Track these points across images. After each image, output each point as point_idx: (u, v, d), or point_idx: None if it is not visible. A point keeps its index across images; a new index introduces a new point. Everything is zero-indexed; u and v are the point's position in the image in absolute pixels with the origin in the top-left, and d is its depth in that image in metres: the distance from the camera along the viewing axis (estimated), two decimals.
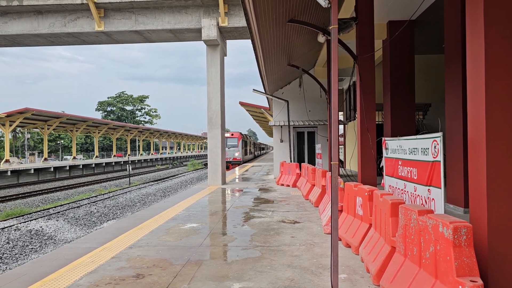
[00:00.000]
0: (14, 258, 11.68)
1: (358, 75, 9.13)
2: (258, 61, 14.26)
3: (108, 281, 4.99)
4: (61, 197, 25.97)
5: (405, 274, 3.91)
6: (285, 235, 7.40)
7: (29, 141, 74.40)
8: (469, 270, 3.15)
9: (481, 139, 4.00)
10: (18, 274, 5.38)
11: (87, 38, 18.60)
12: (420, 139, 5.51)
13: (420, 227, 3.77)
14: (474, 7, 4.12)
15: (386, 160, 7.36)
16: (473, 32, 4.15)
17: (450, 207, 9.20)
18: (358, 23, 9.07)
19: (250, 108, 30.33)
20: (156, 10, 17.16)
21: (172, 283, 4.85)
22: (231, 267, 5.49)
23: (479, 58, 4.06)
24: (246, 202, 11.92)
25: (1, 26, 17.78)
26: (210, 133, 17.45)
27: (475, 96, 4.13)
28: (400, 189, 6.40)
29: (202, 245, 6.76)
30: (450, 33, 9.22)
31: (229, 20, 16.99)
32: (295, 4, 9.09)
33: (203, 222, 8.87)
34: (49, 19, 17.59)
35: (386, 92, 12.75)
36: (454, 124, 9.10)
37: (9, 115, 35.75)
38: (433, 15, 11.52)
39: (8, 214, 18.10)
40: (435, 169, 4.95)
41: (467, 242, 3.20)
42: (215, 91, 17.26)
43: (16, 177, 35.34)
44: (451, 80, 9.27)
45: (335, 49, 4.35)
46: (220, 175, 17.36)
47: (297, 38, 12.28)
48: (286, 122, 20.36)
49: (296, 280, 4.86)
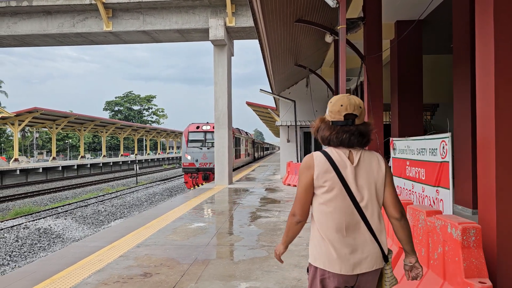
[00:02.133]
0: (23, 256, 11.79)
1: (366, 75, 9.09)
2: (265, 61, 14.26)
3: (116, 279, 5.03)
4: (69, 196, 26.16)
5: None
6: None
7: (38, 140, 75.02)
8: (477, 271, 3.13)
9: (490, 139, 3.97)
10: (27, 272, 5.43)
11: (96, 38, 18.72)
12: (429, 139, 5.49)
13: (428, 227, 3.76)
14: (484, 8, 4.09)
15: (393, 160, 7.33)
16: (482, 32, 4.13)
17: (458, 208, 9.13)
18: (365, 23, 9.03)
19: (256, 108, 30.33)
20: (164, 10, 17.23)
21: (180, 282, 4.87)
22: (238, 266, 5.50)
23: (488, 58, 4.03)
24: (252, 202, 11.93)
25: (11, 27, 17.96)
26: (217, 133, 17.49)
27: (484, 97, 4.10)
28: (408, 189, 6.37)
29: (209, 245, 6.78)
30: (459, 33, 9.16)
31: (237, 20, 17.01)
32: (302, 4, 9.07)
33: (210, 222, 8.89)
34: (58, 19, 17.72)
35: (394, 92, 12.68)
36: (463, 125, 9.03)
37: (18, 114, 36.08)
38: (442, 14, 11.44)
39: (17, 212, 18.29)
40: (444, 170, 4.92)
41: (475, 243, 3.18)
42: (222, 91, 17.28)
43: (25, 176, 35.66)
44: (459, 80, 9.20)
45: (343, 49, 4.34)
46: (227, 175, 17.38)
47: (304, 38, 12.27)
48: (293, 122, 20.34)
49: (303, 280, 4.86)
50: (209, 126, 25.16)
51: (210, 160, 24.10)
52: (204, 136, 25.09)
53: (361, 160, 2.22)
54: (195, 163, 24.74)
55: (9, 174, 33.79)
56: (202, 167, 24.82)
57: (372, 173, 2.21)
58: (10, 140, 69.86)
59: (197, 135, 25.22)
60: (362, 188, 2.16)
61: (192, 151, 24.71)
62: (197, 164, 24.76)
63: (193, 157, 24.73)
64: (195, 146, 24.85)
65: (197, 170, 24.83)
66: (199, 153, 24.80)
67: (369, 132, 2.25)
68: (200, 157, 24.72)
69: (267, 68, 15.48)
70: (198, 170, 24.82)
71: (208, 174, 24.58)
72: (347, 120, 2.19)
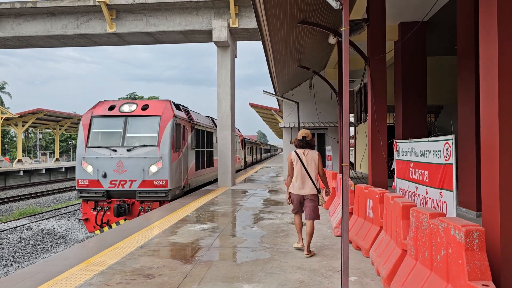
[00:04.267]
0: (26, 257, 11.83)
1: (369, 76, 9.08)
2: (269, 62, 14.26)
3: (119, 280, 5.03)
4: (72, 197, 26.22)
5: (416, 278, 3.88)
6: (295, 237, 7.38)
7: (41, 141, 75.30)
8: (481, 274, 3.11)
9: (494, 141, 3.95)
10: (30, 273, 5.44)
11: (99, 39, 18.80)
12: (432, 141, 5.47)
13: (431, 230, 3.74)
14: (488, 9, 4.08)
15: (397, 162, 7.31)
16: (486, 34, 4.11)
17: (462, 210, 9.10)
18: (369, 25, 9.02)
19: (260, 110, 30.34)
20: (167, 12, 17.27)
21: (182, 284, 4.87)
22: (241, 268, 5.49)
23: (492, 60, 4.01)
24: (255, 204, 11.93)
25: (15, 28, 18.06)
26: (220, 134, 17.52)
27: (488, 99, 4.09)
28: (412, 191, 6.35)
29: (212, 246, 6.78)
30: (463, 35, 9.13)
31: (240, 21, 17.03)
32: (306, 6, 9.07)
33: (213, 223, 8.89)
34: (62, 20, 17.81)
35: (398, 94, 12.66)
36: (467, 127, 9.01)
37: (22, 115, 36.27)
38: (446, 16, 11.42)
39: (21, 213, 18.37)
40: (447, 172, 4.90)
41: (479, 246, 3.16)
42: (225, 92, 17.31)
43: (28, 177, 35.79)
44: (463, 82, 9.18)
45: (347, 51, 4.33)
46: (230, 177, 17.41)
47: (308, 39, 12.26)
48: (296, 124, 20.32)
49: (306, 282, 4.85)
50: (134, 105, 13.44)
51: (135, 175, 12.60)
52: (124, 125, 13.15)
53: (308, 154, 6.13)
54: (101, 181, 12.74)
55: (12, 175, 33.92)
56: (115, 189, 12.72)
57: (313, 158, 6.11)
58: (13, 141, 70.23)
59: (109, 123, 13.40)
60: (307, 164, 6.06)
61: (96, 157, 12.84)
62: (105, 183, 12.71)
63: (98, 168, 12.80)
64: (104, 145, 12.99)
65: (106, 195, 12.71)
66: (111, 161, 12.78)
67: (311, 142, 6.22)
68: (111, 169, 12.74)
69: (270, 69, 15.48)
70: (108, 196, 12.73)
71: (129, 205, 12.57)
72: (303, 138, 6.23)
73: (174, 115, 13.21)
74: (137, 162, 12.53)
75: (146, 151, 12.60)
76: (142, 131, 13.08)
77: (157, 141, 12.67)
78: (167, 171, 12.52)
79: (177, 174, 13.41)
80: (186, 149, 14.73)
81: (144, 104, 13.44)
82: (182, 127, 14.28)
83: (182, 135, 14.27)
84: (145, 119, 13.06)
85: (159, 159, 12.50)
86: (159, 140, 12.66)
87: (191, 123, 15.80)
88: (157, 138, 12.71)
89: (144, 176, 12.47)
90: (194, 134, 16.31)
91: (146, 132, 13.00)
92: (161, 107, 13.29)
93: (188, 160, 15.09)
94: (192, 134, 15.86)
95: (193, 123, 16.11)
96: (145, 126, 13.05)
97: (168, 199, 12.58)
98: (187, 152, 14.90)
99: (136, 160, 12.55)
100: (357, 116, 24.38)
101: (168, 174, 12.54)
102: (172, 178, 12.73)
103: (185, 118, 14.80)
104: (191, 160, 15.62)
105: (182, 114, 14.65)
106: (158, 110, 13.13)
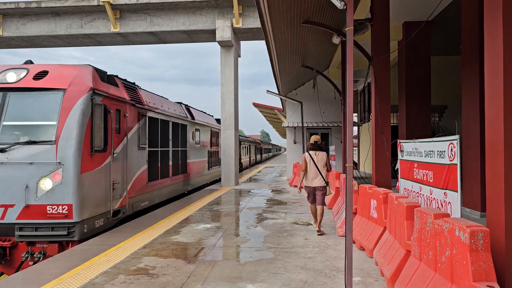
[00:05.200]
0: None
1: (373, 76, 9.06)
2: (272, 62, 14.26)
3: (123, 280, 5.05)
4: None
5: (420, 278, 3.87)
6: (298, 236, 7.38)
7: None
8: (486, 274, 3.10)
9: (499, 142, 3.93)
10: (34, 273, 5.47)
11: (103, 39, 18.85)
12: (437, 141, 5.45)
13: (436, 230, 3.73)
14: (493, 9, 4.06)
15: (401, 162, 7.29)
16: (491, 34, 4.09)
17: (466, 211, 9.07)
18: (373, 24, 9.00)
19: (263, 109, 30.33)
20: (171, 11, 17.29)
21: (186, 283, 4.88)
22: (245, 268, 5.50)
23: (497, 60, 3.99)
24: (259, 203, 11.93)
25: (20, 28, 18.13)
26: (223, 134, 17.51)
27: (492, 99, 4.07)
28: (416, 192, 6.33)
29: (215, 246, 6.78)
30: (467, 34, 9.09)
31: (244, 21, 17.03)
32: (309, 5, 9.07)
33: (216, 223, 8.90)
34: (66, 20, 17.86)
35: (402, 93, 12.63)
36: (471, 127, 8.97)
37: None
38: (450, 16, 11.38)
39: None
40: (452, 172, 4.88)
41: (484, 247, 3.15)
42: (228, 92, 17.31)
43: None
44: (468, 82, 9.13)
45: (351, 51, 4.32)
46: (233, 176, 17.40)
47: (312, 39, 12.25)
48: (299, 124, 20.30)
49: (309, 282, 4.84)
50: (24, 71, 7.96)
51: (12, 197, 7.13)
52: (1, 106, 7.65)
53: (318, 154, 7.98)
54: None
55: None
56: None
57: (322, 158, 7.95)
58: None
59: None
60: (318, 162, 7.87)
61: None
62: None
63: None
64: None
65: None
66: None
67: (321, 146, 8.14)
68: None
69: (274, 69, 15.47)
70: None
71: (4, 249, 7.21)
72: (315, 142, 8.12)
73: (91, 88, 7.87)
74: (17, 172, 7.19)
75: (33, 153, 7.27)
76: (29, 117, 7.61)
77: (54, 135, 7.39)
78: (71, 188, 7.24)
79: (97, 192, 8.04)
80: (124, 148, 9.45)
81: (41, 70, 8.00)
82: (115, 112, 9.00)
83: (116, 124, 9.06)
84: (37, 95, 7.69)
85: (57, 167, 7.25)
86: (58, 132, 7.38)
87: (139, 107, 10.43)
88: (55, 128, 7.43)
89: (29, 198, 7.16)
90: (146, 125, 11.00)
91: (37, 119, 7.62)
92: (70, 75, 7.89)
93: (131, 166, 9.87)
94: (140, 124, 10.56)
95: (144, 107, 10.73)
96: (36, 107, 7.65)
97: (74, 238, 7.24)
98: (126, 154, 9.52)
99: (14, 169, 7.20)
100: (361, 115, 24.35)
101: (73, 194, 7.26)
102: (83, 200, 7.44)
103: (122, 98, 9.37)
104: (139, 165, 10.43)
105: (115, 90, 9.13)
106: (62, 81, 7.78)
